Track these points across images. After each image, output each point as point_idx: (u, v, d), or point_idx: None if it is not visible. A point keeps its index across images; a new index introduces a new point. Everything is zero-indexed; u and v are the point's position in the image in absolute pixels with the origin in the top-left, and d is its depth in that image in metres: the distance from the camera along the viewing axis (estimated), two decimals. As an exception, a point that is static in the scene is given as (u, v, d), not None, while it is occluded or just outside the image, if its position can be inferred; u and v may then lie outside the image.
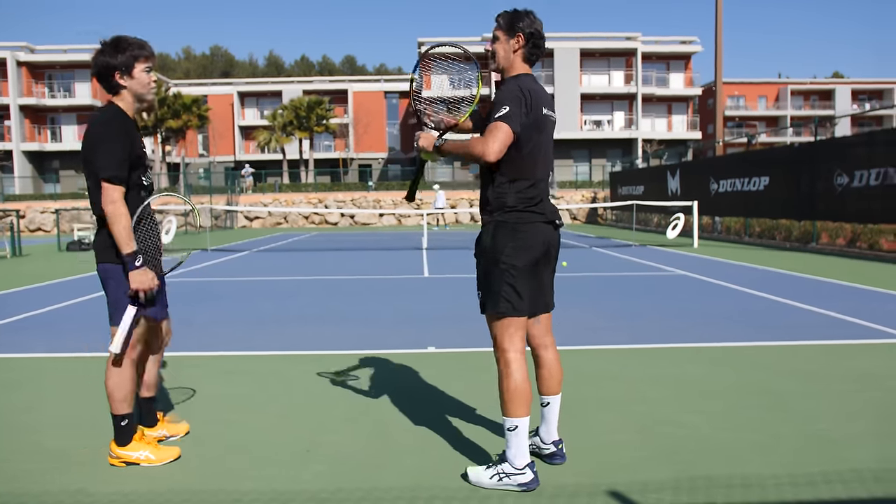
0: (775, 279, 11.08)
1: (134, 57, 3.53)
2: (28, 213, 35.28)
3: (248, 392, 5.00)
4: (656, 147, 50.28)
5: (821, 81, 73.75)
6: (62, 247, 21.21)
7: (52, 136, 55.41)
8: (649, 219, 28.88)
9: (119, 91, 3.57)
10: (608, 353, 6.08)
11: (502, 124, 3.12)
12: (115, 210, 3.40)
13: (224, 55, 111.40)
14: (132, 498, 3.21)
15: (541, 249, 3.28)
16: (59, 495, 3.25)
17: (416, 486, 3.27)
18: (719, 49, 24.37)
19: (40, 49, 55.79)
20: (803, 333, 6.76)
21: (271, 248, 20.60)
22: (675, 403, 4.55)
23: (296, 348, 6.45)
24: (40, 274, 13.43)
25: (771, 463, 3.49)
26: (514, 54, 3.36)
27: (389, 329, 7.33)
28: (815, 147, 17.10)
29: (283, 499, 3.17)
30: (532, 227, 3.25)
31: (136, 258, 3.45)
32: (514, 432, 3.20)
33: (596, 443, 3.82)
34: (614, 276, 12.00)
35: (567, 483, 3.28)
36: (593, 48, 54.31)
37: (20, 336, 7.20)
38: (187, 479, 3.43)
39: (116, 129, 3.48)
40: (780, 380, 5.09)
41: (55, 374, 5.64)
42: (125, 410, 3.59)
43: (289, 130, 50.54)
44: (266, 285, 11.27)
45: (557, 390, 3.50)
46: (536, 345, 3.50)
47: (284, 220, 37.50)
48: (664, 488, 3.20)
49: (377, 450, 3.79)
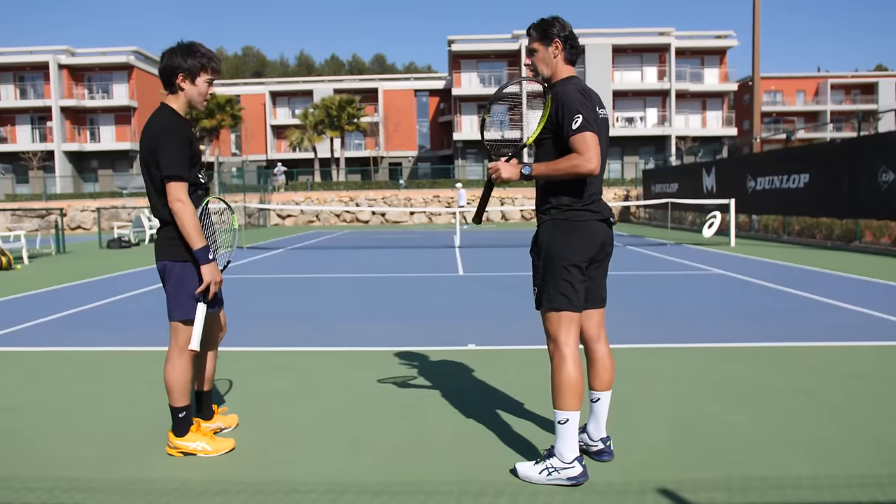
0: (817, 278, 10.93)
1: (201, 65, 3.66)
2: (69, 211, 36.08)
3: (291, 387, 5.10)
4: (690, 144, 49.83)
5: (863, 74, 72.09)
6: (103, 244, 21.60)
7: (91, 136, 56.50)
8: (683, 217, 28.63)
9: (176, 92, 3.67)
10: (649, 352, 6.07)
11: (587, 133, 3.16)
12: (183, 208, 3.51)
13: (256, 55, 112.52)
14: (191, 486, 3.32)
15: (597, 246, 3.35)
16: (122, 483, 3.36)
17: (465, 481, 3.32)
18: (756, 43, 24.05)
19: (80, 52, 56.92)
20: (847, 334, 6.68)
21: (305, 245, 20.81)
22: (719, 403, 4.55)
23: (335, 344, 6.55)
24: (88, 270, 13.73)
25: (820, 464, 3.47)
26: (555, 60, 3.42)
27: (428, 326, 7.40)
28: (858, 143, 16.71)
29: (338, 490, 3.24)
30: (588, 224, 3.31)
31: (208, 253, 3.59)
32: (564, 425, 3.24)
33: (640, 441, 3.84)
34: (651, 274, 11.94)
35: (615, 481, 3.31)
36: (626, 44, 53.88)
37: (74, 331, 7.39)
38: (242, 470, 3.52)
39: (176, 130, 3.58)
40: (824, 381, 5.05)
41: (112, 366, 5.79)
42: (183, 403, 3.71)
43: (320, 129, 50.89)
44: (302, 282, 11.41)
45: (609, 386, 3.55)
46: (589, 338, 3.56)
47: (316, 218, 37.80)
48: (716, 487, 3.20)
49: (424, 444, 3.85)
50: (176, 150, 3.52)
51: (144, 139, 3.60)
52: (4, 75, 55.12)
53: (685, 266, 13.14)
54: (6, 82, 55.21)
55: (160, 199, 3.59)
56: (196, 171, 3.69)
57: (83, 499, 3.19)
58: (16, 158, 52.98)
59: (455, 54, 55.74)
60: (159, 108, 3.69)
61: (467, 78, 56.11)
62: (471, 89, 55.53)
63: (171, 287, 3.67)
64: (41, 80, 54.87)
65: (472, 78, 56.23)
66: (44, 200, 41.90)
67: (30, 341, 6.87)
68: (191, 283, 3.63)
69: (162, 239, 3.66)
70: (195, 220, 3.54)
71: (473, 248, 18.29)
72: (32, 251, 18.23)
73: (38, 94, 55.00)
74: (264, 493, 3.22)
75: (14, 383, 5.30)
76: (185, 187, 3.54)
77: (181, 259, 3.62)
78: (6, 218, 33.95)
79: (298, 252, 18.25)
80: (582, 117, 3.17)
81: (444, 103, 60.79)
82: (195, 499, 3.19)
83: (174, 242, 3.60)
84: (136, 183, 37.83)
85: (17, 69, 55.12)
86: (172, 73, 3.64)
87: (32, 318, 8.13)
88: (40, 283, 11.71)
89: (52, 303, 9.37)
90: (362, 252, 17.99)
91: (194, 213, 3.55)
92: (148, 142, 3.57)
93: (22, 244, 16.19)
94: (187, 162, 3.57)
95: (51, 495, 3.23)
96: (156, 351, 6.26)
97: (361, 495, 3.18)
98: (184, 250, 3.60)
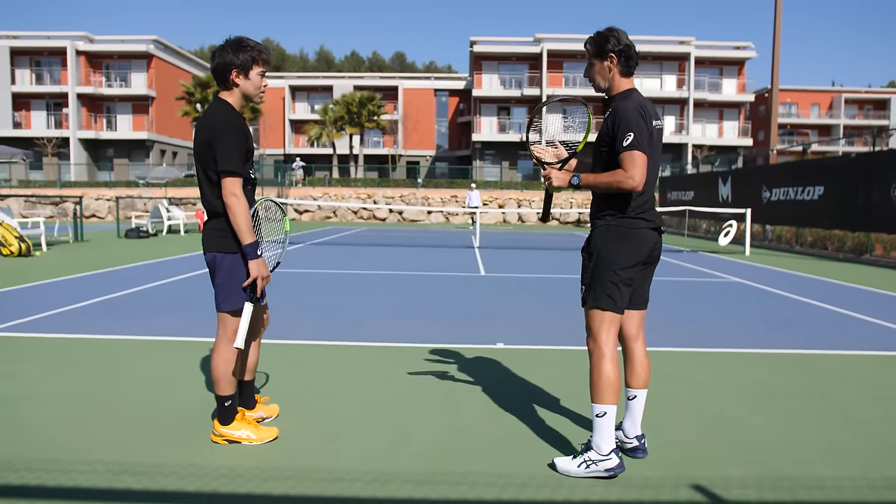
0: (831, 289, 11.04)
1: (252, 59, 3.71)
2: (84, 199, 36.16)
3: (325, 379, 5.23)
4: (706, 153, 49.79)
5: (876, 91, 72.10)
6: (121, 234, 21.79)
7: (107, 124, 56.71)
8: (698, 225, 28.70)
9: (231, 88, 3.75)
10: (674, 356, 6.21)
11: (636, 153, 3.31)
12: (237, 202, 3.59)
13: (276, 49, 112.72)
14: (239, 472, 3.43)
15: (646, 252, 3.51)
16: (172, 467, 3.47)
17: (507, 474, 3.45)
18: (776, 56, 24.12)
19: (99, 39, 57.07)
20: (861, 343, 6.84)
21: (325, 241, 20.99)
22: (742, 405, 4.70)
23: (365, 339, 6.68)
24: (108, 260, 13.93)
25: (842, 466, 3.62)
26: (611, 74, 3.54)
27: (455, 324, 7.53)
28: (872, 158, 16.89)
29: (384, 479, 3.37)
30: (640, 232, 3.47)
31: (258, 248, 3.68)
32: (602, 419, 3.40)
33: (669, 440, 3.98)
34: (669, 280, 12.05)
35: (651, 475, 3.45)
36: (646, 51, 53.90)
37: (97, 319, 7.53)
38: (287, 458, 3.64)
39: (233, 125, 3.64)
40: (840, 387, 5.21)
41: (138, 354, 5.92)
42: (229, 392, 3.81)
43: (340, 125, 51.10)
44: (326, 278, 11.57)
45: (645, 384, 3.70)
46: (629, 337, 3.72)
47: (334, 214, 37.97)
48: (747, 485, 3.35)
49: (465, 437, 3.98)
50: (234, 146, 3.59)
51: (200, 133, 3.65)
52: (21, 59, 55.13)
53: (703, 273, 13.25)
54: (22, 66, 55.23)
55: (213, 191, 3.66)
56: (248, 167, 3.77)
57: (134, 482, 3.29)
58: (30, 144, 52.95)
59: (477, 55, 55.86)
60: (215, 102, 3.75)
61: (488, 79, 56.26)
62: (491, 91, 55.68)
63: (222, 279, 3.73)
64: (58, 65, 54.95)
65: (493, 79, 56.39)
66: (58, 188, 42.11)
67: (56, 328, 6.96)
68: (241, 274, 3.71)
69: (212, 231, 3.73)
70: (247, 215, 3.63)
71: (493, 248, 18.44)
72: (50, 238, 18.39)
73: (54, 80, 55.12)
74: (311, 480, 3.35)
75: (43, 370, 5.35)
76: (241, 182, 3.62)
77: (231, 251, 3.69)
78: (20, 204, 34.09)
79: (319, 247, 18.41)
80: (633, 135, 3.31)
81: (464, 104, 60.97)
82: (244, 485, 3.29)
83: (225, 234, 3.67)
84: (153, 174, 37.97)
85: (33, 53, 55.20)
86: (226, 70, 3.70)
87: (57, 305, 8.25)
88: (61, 271, 11.86)
89: (74, 291, 9.49)
90: (382, 249, 18.14)
91: (247, 209, 3.63)
92: (204, 136, 3.62)
93: (41, 231, 16.35)
94: (243, 157, 3.65)
95: (102, 478, 3.33)
96: (180, 341, 6.44)
97: (406, 484, 3.31)
98: (234, 243, 3.67)
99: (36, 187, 43.39)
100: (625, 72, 3.53)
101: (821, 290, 10.98)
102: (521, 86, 56.05)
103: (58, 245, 17.61)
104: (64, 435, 3.93)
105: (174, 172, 39.29)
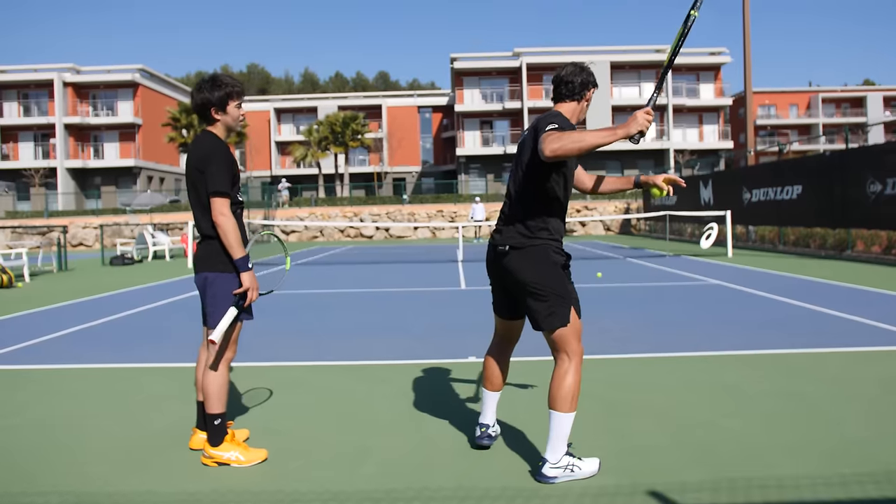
0: (810, 287, 11.10)
1: (227, 94, 3.94)
2: (71, 228, 36.09)
3: (296, 400, 5.21)
4: (688, 157, 50.05)
5: (852, 89, 73.09)
6: (105, 261, 21.71)
7: (94, 153, 56.86)
8: (683, 229, 28.83)
9: (213, 122, 3.98)
10: (645, 362, 6.21)
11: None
12: (227, 221, 3.81)
13: (261, 73, 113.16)
14: (198, 497, 3.42)
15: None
16: (129, 496, 3.45)
17: (465, 487, 3.44)
18: (748, 59, 24.39)
19: (86, 70, 57.42)
20: (836, 340, 6.87)
21: (309, 261, 20.95)
22: (711, 408, 4.70)
23: (340, 359, 6.66)
24: (90, 288, 13.84)
25: (805, 464, 3.62)
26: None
27: (429, 340, 7.53)
28: (846, 155, 17.09)
29: (339, 499, 3.36)
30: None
31: (248, 261, 3.89)
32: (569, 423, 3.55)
33: (634, 445, 3.98)
34: (650, 286, 12.09)
35: (608, 483, 3.45)
36: (623, 61, 54.49)
37: (79, 348, 7.50)
38: (247, 481, 3.63)
39: (221, 152, 3.88)
40: (812, 385, 5.22)
41: (119, 383, 5.88)
42: (219, 410, 3.90)
43: (324, 145, 51.23)
44: (306, 298, 11.54)
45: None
46: (512, 342, 4.13)
47: (320, 233, 37.98)
48: (703, 489, 3.34)
49: (425, 453, 3.98)
50: (222, 169, 3.82)
51: (192, 162, 3.90)
52: (8, 93, 55.64)
53: (683, 277, 13.29)
54: (10, 100, 55.75)
55: (205, 214, 3.88)
56: (235, 191, 3.96)
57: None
58: (17, 175, 53.21)
59: (457, 72, 56.27)
60: (203, 134, 3.99)
61: (469, 95, 56.62)
62: (473, 105, 56.05)
63: (212, 297, 3.90)
64: (45, 97, 55.33)
65: (475, 94, 56.78)
66: (45, 217, 42.04)
67: (37, 359, 6.94)
68: (231, 293, 3.89)
69: (204, 252, 3.93)
70: (237, 231, 3.84)
71: (477, 262, 18.40)
72: (34, 269, 18.27)
73: (41, 112, 55.47)
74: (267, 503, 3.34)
75: (28, 399, 5.36)
76: (228, 203, 3.84)
77: (222, 270, 3.87)
78: (6, 235, 33.98)
79: (303, 268, 18.34)
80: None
81: (447, 119, 61.32)
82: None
83: (217, 255, 3.87)
84: (138, 200, 37.92)
85: (21, 87, 55.66)
86: (205, 108, 3.94)
87: (36, 335, 8.20)
88: (42, 301, 11.78)
89: (55, 321, 9.43)
90: (366, 267, 18.14)
91: (236, 226, 3.84)
92: (196, 164, 3.87)
93: (24, 262, 16.21)
94: (230, 180, 3.87)
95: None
96: (160, 367, 6.42)
97: (363, 503, 3.31)
98: (226, 262, 3.86)
99: (23, 218, 43.34)
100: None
101: (800, 288, 11.03)
102: (502, 99, 56.42)
103: (41, 275, 17.52)
104: (55, 464, 3.93)
105: (159, 199, 39.24)
